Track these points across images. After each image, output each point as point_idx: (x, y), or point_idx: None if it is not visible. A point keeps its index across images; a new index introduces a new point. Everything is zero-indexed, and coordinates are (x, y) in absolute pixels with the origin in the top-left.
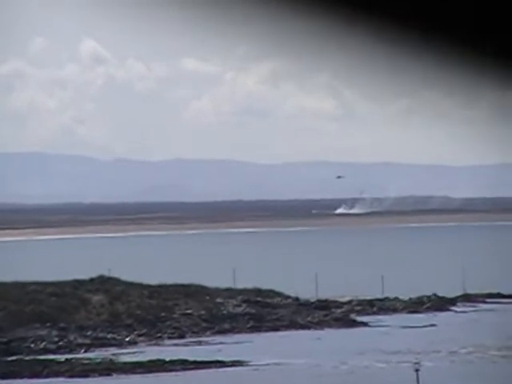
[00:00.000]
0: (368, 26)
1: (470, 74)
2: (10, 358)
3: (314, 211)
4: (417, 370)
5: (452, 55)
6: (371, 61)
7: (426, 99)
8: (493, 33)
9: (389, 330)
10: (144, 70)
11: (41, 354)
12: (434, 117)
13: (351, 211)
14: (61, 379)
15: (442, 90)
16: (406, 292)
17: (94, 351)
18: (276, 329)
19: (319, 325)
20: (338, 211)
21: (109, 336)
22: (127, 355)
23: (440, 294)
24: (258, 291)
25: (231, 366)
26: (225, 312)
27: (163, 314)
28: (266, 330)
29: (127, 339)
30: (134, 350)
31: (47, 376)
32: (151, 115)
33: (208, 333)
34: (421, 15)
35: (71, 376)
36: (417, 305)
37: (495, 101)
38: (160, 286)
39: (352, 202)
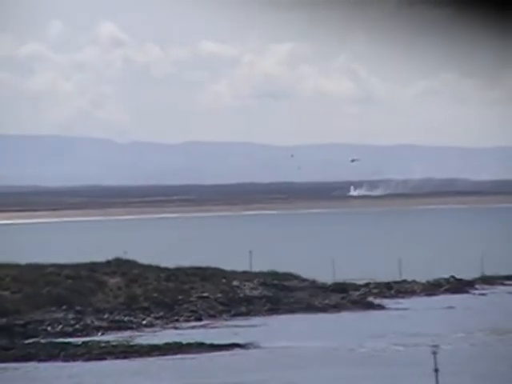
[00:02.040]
0: (386, 8)
1: (491, 54)
2: (26, 341)
3: (334, 193)
4: (434, 353)
5: (472, 36)
6: (389, 43)
7: (445, 80)
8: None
9: (406, 312)
10: (162, 53)
11: (57, 337)
12: (454, 98)
13: (369, 193)
14: (78, 362)
15: (461, 71)
16: (424, 275)
17: (110, 334)
18: (293, 311)
19: (336, 307)
20: (356, 193)
21: (126, 319)
22: (144, 338)
23: (458, 277)
24: (275, 274)
25: (247, 348)
26: (241, 295)
27: (180, 297)
28: (283, 313)
29: (144, 322)
30: (151, 332)
31: (64, 359)
32: (169, 98)
33: (225, 316)
34: None
35: (88, 359)
36: (435, 287)
37: None
38: (177, 269)
39: (370, 184)
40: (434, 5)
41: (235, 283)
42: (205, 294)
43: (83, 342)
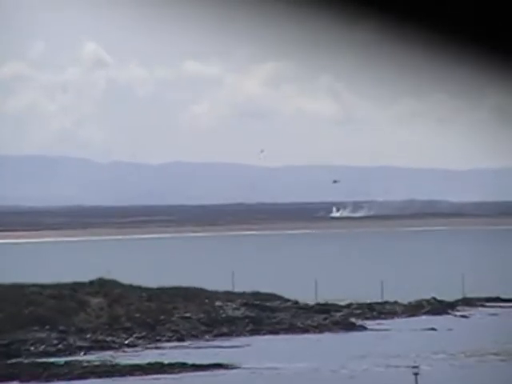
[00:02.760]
0: (369, 28)
1: (474, 75)
2: (9, 361)
3: (316, 214)
4: (416, 374)
5: (454, 57)
6: (373, 64)
7: (428, 102)
8: (498, 34)
9: (388, 333)
10: (145, 73)
11: (40, 357)
12: (437, 119)
13: (351, 215)
14: (61, 382)
15: (444, 92)
16: (406, 296)
17: (93, 354)
18: (275, 332)
19: (319, 328)
20: (338, 214)
21: (108, 339)
22: (126, 358)
23: (439, 298)
24: (257, 294)
25: (230, 369)
26: (224, 315)
27: (162, 317)
28: (265, 334)
29: (126, 342)
30: (133, 352)
31: (47, 379)
32: (151, 118)
33: (207, 336)
34: (424, 16)
35: (71, 379)
36: (416, 308)
37: (499, 104)
38: (159, 289)
39: (352, 206)
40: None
41: (218, 303)
42: (187, 315)
43: (66, 362)
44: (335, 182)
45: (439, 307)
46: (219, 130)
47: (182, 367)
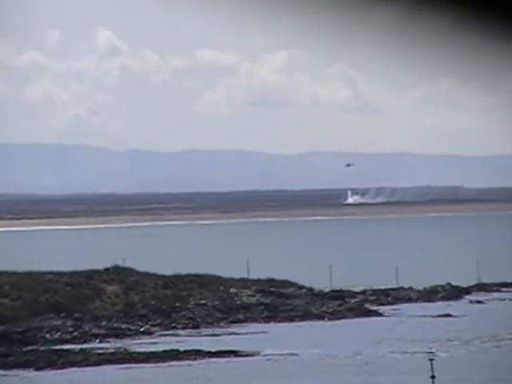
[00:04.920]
0: (383, 15)
1: (490, 61)
2: (25, 348)
3: (331, 201)
4: (431, 360)
5: (470, 43)
6: (386, 51)
7: (442, 88)
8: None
9: (403, 319)
10: (160, 61)
11: (56, 344)
12: (453, 105)
13: (366, 201)
14: (76, 369)
15: (460, 78)
16: (421, 282)
17: (108, 341)
18: (290, 319)
19: (333, 315)
20: (353, 200)
21: (123, 326)
22: (142, 345)
23: (454, 284)
24: (272, 281)
25: (245, 355)
26: (239, 302)
27: (178, 305)
28: (280, 321)
29: (142, 329)
30: (149, 340)
31: (62, 366)
32: (166, 106)
33: (222, 323)
34: (438, 2)
35: (86, 366)
36: (431, 294)
37: None
38: (174, 277)
39: (366, 193)
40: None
41: (233, 290)
42: (202, 302)
43: (81, 349)
44: (349, 165)
45: (454, 293)
46: (234, 118)
47: (198, 354)
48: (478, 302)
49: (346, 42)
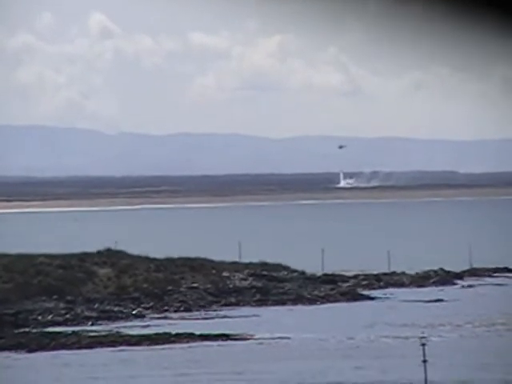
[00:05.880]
0: (375, 2)
1: (481, 47)
2: (17, 331)
3: (323, 185)
4: (423, 344)
5: (461, 29)
6: (379, 37)
7: (435, 74)
8: (506, 6)
9: (395, 304)
10: (152, 45)
11: (48, 327)
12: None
13: (358, 185)
14: (68, 351)
15: (451, 64)
16: (413, 266)
17: (100, 324)
18: (282, 302)
19: (325, 299)
20: (344, 184)
21: (116, 309)
22: (134, 328)
23: (447, 269)
24: (264, 265)
25: (237, 339)
26: (231, 286)
27: (170, 288)
28: (272, 304)
29: (134, 312)
30: (141, 322)
31: (54, 348)
32: (159, 90)
33: (214, 306)
34: None
35: (78, 348)
36: (423, 279)
37: (506, 75)
38: (167, 260)
39: (359, 177)
40: None
41: (225, 274)
42: (194, 285)
43: (73, 332)
44: (341, 147)
45: (447, 278)
46: (226, 102)
47: (190, 337)
48: (470, 286)
49: (338, 26)
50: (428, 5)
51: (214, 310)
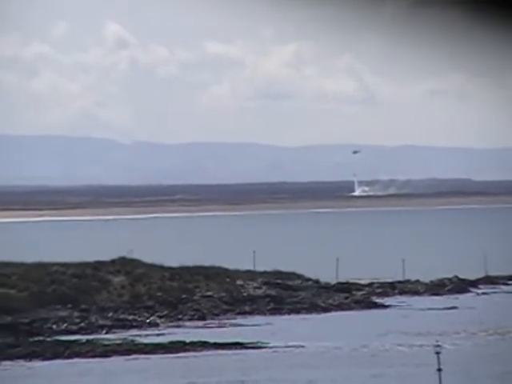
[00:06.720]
0: (390, 8)
1: (497, 54)
2: (31, 339)
3: (338, 193)
4: (438, 353)
5: (478, 36)
6: (393, 43)
7: (451, 80)
8: None
9: (410, 312)
10: (167, 54)
11: (62, 335)
12: (459, 98)
13: (373, 193)
14: (82, 360)
15: (467, 71)
16: (428, 274)
17: (115, 332)
18: (296, 311)
19: (340, 307)
20: (359, 193)
21: (130, 317)
22: (148, 336)
23: (461, 277)
24: (279, 273)
25: (251, 347)
26: (245, 294)
27: (184, 296)
28: (287, 313)
29: (148, 321)
30: (155, 331)
31: (69, 357)
32: (173, 99)
33: (228, 315)
34: None
35: (93, 357)
36: (438, 287)
37: None
38: (181, 268)
39: (373, 185)
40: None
41: (239, 282)
42: (209, 293)
43: (87, 340)
44: (355, 152)
45: (461, 286)
46: (241, 111)
47: (204, 346)
48: (485, 294)
49: (353, 34)
50: (443, 12)
51: (228, 319)
